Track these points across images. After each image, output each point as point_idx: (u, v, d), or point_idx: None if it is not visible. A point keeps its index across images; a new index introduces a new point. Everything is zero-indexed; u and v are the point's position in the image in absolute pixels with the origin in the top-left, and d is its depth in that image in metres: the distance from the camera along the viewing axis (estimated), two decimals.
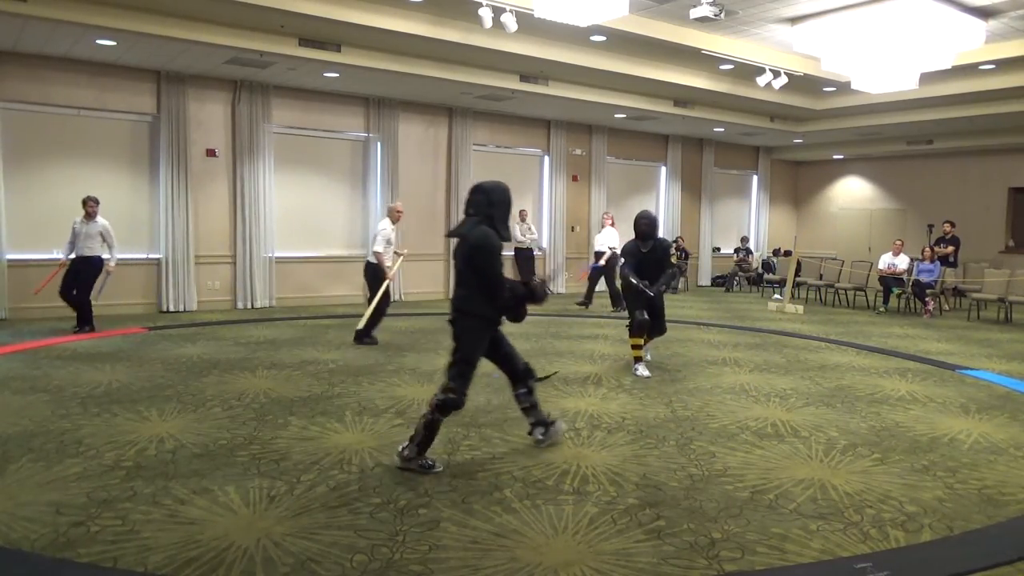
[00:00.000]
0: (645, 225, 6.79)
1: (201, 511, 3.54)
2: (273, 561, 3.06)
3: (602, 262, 11.87)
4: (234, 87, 10.93)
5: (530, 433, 4.68)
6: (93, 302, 8.66)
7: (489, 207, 4.25)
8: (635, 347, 6.94)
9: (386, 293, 8.13)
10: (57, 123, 9.84)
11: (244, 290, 11.09)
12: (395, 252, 8.32)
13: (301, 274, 11.83)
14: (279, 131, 11.39)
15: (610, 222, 12.21)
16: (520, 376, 4.56)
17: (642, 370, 6.85)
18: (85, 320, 8.57)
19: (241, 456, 4.34)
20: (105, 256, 8.60)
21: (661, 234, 16.12)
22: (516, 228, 13.30)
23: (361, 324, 8.10)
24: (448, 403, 4.14)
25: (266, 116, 11.13)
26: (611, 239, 11.93)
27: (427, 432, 4.17)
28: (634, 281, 6.80)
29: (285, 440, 4.66)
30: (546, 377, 5.01)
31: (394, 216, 8.25)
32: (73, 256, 8.53)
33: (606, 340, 8.82)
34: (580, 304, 12.19)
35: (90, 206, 8.51)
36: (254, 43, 8.84)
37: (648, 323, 6.85)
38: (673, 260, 15.28)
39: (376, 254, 8.01)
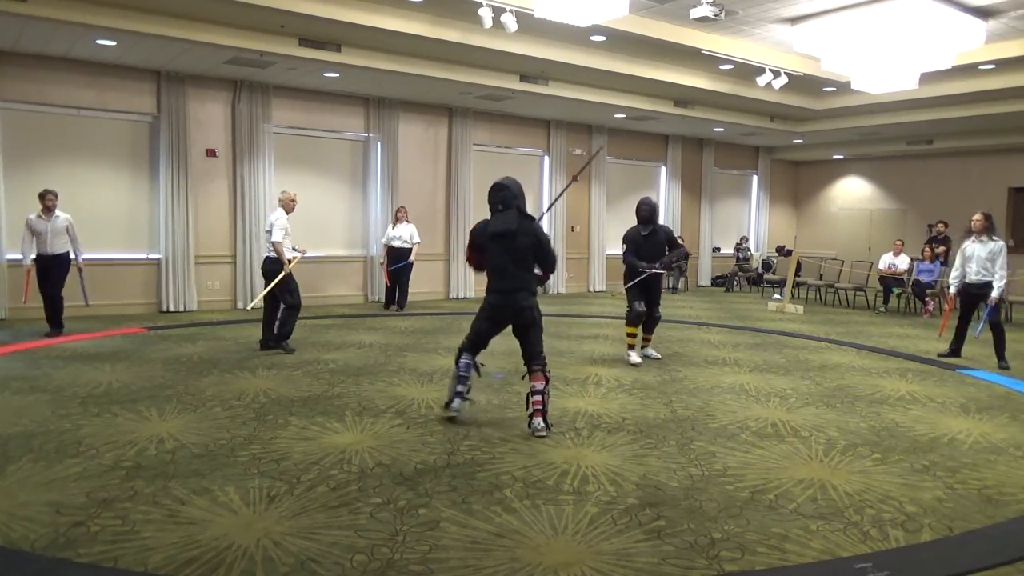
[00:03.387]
0: (646, 210, 7.24)
1: (201, 511, 3.54)
2: (273, 561, 3.05)
3: (412, 258, 11.22)
4: (234, 87, 10.93)
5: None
6: (88, 305, 8.55)
7: (515, 199, 4.92)
8: (630, 335, 7.44)
9: (293, 291, 7.42)
10: (57, 123, 9.83)
11: (244, 290, 11.07)
12: (293, 248, 7.57)
13: (301, 274, 11.74)
14: (279, 131, 11.39)
15: (406, 217, 11.40)
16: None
17: (634, 357, 7.31)
18: (57, 323, 8.21)
19: (241, 456, 4.34)
20: (73, 254, 8.22)
21: None
22: None
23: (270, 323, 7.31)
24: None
25: (266, 116, 11.13)
26: (415, 233, 11.33)
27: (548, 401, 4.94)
28: (639, 265, 7.24)
29: (285, 440, 4.66)
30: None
31: (289, 206, 7.52)
32: (34, 256, 8.05)
33: (606, 340, 8.82)
34: (388, 306, 11.47)
35: (49, 200, 8.05)
36: (254, 43, 8.83)
37: (644, 314, 7.30)
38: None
39: (275, 245, 7.23)
